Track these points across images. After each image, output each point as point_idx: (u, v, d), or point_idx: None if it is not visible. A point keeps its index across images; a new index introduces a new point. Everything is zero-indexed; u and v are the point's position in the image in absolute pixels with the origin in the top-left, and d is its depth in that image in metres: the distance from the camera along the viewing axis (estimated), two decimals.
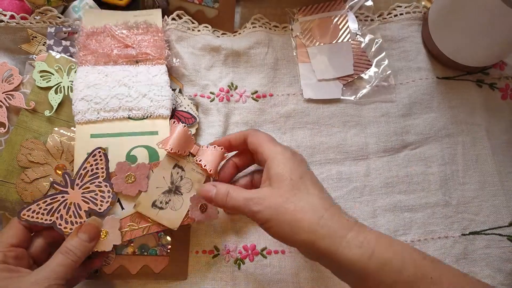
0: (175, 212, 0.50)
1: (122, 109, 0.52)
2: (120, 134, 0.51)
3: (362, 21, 0.65)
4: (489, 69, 0.63)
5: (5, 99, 0.54)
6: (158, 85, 0.54)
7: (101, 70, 0.54)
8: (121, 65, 0.56)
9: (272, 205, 0.41)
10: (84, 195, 0.47)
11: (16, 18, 0.59)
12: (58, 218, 0.45)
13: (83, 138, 0.51)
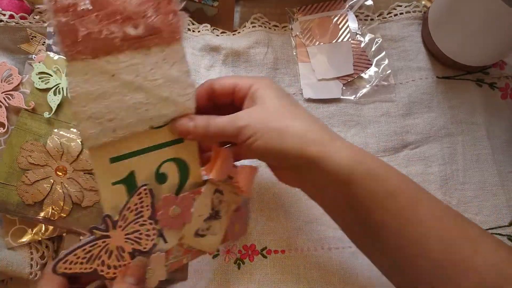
0: (214, 237, 0.48)
1: (142, 121, 0.39)
2: (143, 150, 0.41)
3: (362, 20, 0.65)
4: (489, 68, 0.63)
5: (4, 99, 0.54)
6: (179, 81, 0.41)
7: (105, 69, 0.37)
8: (127, 54, 0.37)
9: (260, 118, 0.40)
10: (127, 236, 0.42)
11: (15, 18, 0.59)
12: (99, 265, 0.40)
13: (102, 165, 0.40)
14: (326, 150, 0.39)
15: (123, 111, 0.38)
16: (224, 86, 0.44)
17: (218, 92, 0.44)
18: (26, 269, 0.51)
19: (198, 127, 0.41)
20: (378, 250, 0.41)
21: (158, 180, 0.42)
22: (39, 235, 0.53)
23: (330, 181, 0.39)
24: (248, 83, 0.43)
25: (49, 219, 0.52)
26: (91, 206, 0.53)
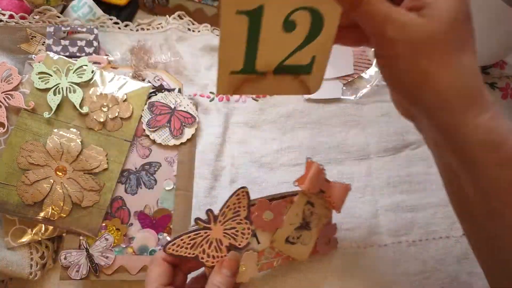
0: (304, 246, 0.51)
1: None
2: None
3: None
4: (490, 68, 0.63)
5: (4, 99, 0.54)
6: None
7: None
8: None
9: (415, 39, 0.31)
10: (225, 231, 0.47)
11: (15, 18, 0.59)
12: (201, 252, 0.46)
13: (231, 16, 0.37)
14: (463, 123, 0.31)
15: None
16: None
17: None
18: (26, 269, 0.51)
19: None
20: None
21: (285, 26, 0.37)
22: (39, 235, 0.52)
23: (453, 153, 0.33)
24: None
25: (49, 219, 0.51)
26: (91, 206, 0.53)
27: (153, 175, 0.56)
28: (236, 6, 0.36)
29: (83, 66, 0.56)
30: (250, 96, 0.61)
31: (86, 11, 0.63)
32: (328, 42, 0.38)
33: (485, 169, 0.32)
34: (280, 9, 0.37)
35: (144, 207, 0.55)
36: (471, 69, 0.32)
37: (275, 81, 0.39)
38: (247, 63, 0.39)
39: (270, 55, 0.38)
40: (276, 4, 0.36)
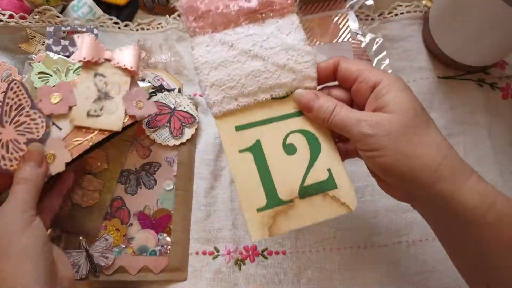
0: (113, 115, 0.50)
1: (262, 90, 0.41)
2: (269, 120, 0.42)
3: (362, 20, 0.65)
4: (490, 68, 0.63)
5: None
6: (296, 48, 0.41)
7: (223, 40, 0.41)
8: (244, 27, 0.42)
9: (392, 132, 0.36)
10: (18, 129, 0.46)
11: (15, 18, 0.59)
12: (0, 160, 0.44)
13: (228, 133, 0.41)
14: (457, 189, 0.35)
15: (243, 78, 0.41)
16: (349, 70, 0.41)
17: (341, 72, 0.41)
18: None
19: (322, 111, 0.39)
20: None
21: (287, 151, 0.41)
22: None
23: (455, 220, 0.36)
24: (376, 78, 0.39)
25: None
26: (90, 206, 0.53)
27: (153, 175, 0.56)
28: (237, 147, 0.40)
29: None
30: None
31: (86, 11, 0.63)
32: (333, 151, 0.41)
33: (484, 227, 0.35)
34: (275, 138, 0.41)
35: (144, 207, 0.55)
36: (444, 142, 0.37)
37: (306, 206, 0.40)
38: (269, 197, 0.40)
39: (287, 181, 0.40)
40: (269, 135, 0.41)
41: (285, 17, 0.42)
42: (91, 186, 0.53)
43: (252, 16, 0.41)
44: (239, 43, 0.41)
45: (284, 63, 0.41)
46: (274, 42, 0.41)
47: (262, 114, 0.42)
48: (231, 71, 0.41)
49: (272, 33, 0.41)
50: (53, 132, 0.48)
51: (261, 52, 0.41)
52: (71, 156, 0.48)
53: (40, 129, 0.47)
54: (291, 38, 0.42)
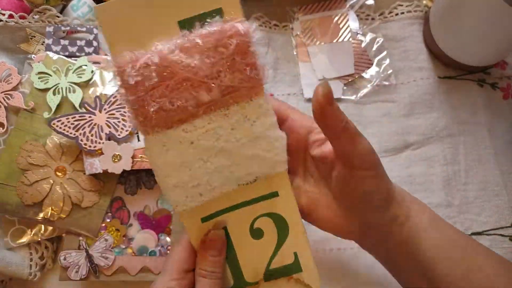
0: None
1: (228, 182, 0.37)
2: (235, 206, 0.39)
3: (363, 20, 0.65)
4: (491, 68, 0.63)
5: (3, 99, 0.53)
6: (265, 137, 0.36)
7: (182, 138, 0.35)
8: (204, 118, 0.35)
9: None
10: (108, 120, 0.52)
11: (14, 17, 0.59)
12: (81, 134, 0.51)
13: (194, 226, 0.39)
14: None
15: (206, 176, 0.36)
16: (300, 124, 0.41)
17: (291, 124, 0.41)
18: (25, 270, 0.51)
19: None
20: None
21: (253, 236, 0.40)
22: (38, 236, 0.52)
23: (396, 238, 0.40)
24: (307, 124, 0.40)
25: (48, 219, 0.51)
26: (90, 206, 0.53)
27: (153, 175, 0.56)
28: (200, 233, 0.39)
29: (83, 66, 0.55)
30: None
31: (85, 11, 0.63)
32: (300, 235, 0.40)
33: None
34: (242, 224, 0.39)
35: (144, 208, 0.55)
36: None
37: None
38: (236, 278, 0.40)
39: (253, 265, 0.40)
40: (235, 221, 0.39)
41: (252, 101, 0.35)
42: (91, 187, 0.53)
43: (212, 106, 0.34)
44: (200, 140, 0.35)
45: (252, 154, 0.36)
46: (240, 132, 0.35)
47: (228, 201, 0.39)
48: (194, 171, 0.36)
49: (237, 122, 0.35)
50: (132, 139, 0.54)
51: (226, 146, 0.36)
52: (131, 166, 0.52)
53: (124, 131, 0.52)
54: (258, 125, 0.36)
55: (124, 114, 0.53)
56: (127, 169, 0.52)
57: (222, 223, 0.39)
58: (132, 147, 0.53)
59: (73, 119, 0.52)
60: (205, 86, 0.33)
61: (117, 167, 0.52)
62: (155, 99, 0.32)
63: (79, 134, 0.51)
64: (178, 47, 0.32)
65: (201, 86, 0.33)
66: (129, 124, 0.53)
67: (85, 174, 0.52)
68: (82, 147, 0.51)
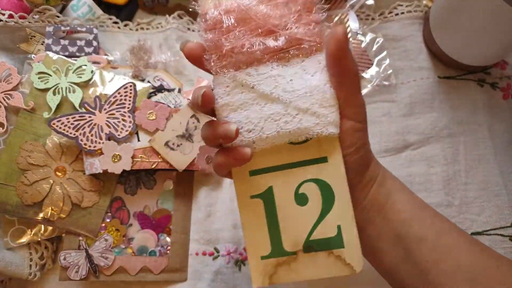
0: (184, 156, 0.54)
1: (281, 134, 0.37)
2: (283, 166, 0.39)
3: (363, 20, 0.65)
4: (491, 68, 0.63)
5: (3, 99, 0.53)
6: (321, 91, 0.37)
7: (244, 81, 0.37)
8: (267, 66, 0.38)
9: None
10: (108, 120, 0.53)
11: (14, 17, 0.59)
12: (81, 134, 0.51)
13: (242, 177, 0.40)
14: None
15: (261, 122, 0.37)
16: None
17: None
18: (25, 270, 0.51)
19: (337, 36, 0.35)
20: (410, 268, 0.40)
21: (298, 201, 0.39)
22: (38, 236, 0.52)
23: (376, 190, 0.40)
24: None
25: (48, 219, 0.51)
26: (90, 206, 0.53)
27: (153, 175, 0.56)
28: (249, 193, 0.39)
29: (83, 66, 0.55)
30: None
31: (85, 11, 0.63)
32: (347, 207, 0.38)
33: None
34: (288, 186, 0.38)
35: (143, 208, 0.55)
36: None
37: (309, 261, 0.39)
38: (274, 246, 0.39)
39: (293, 233, 0.39)
40: (282, 182, 0.38)
41: (311, 56, 0.37)
42: (91, 186, 0.53)
43: (277, 54, 0.37)
44: (260, 85, 0.37)
45: (307, 107, 0.37)
46: (298, 84, 0.37)
47: (278, 159, 0.39)
48: (250, 113, 0.37)
49: (296, 74, 0.37)
50: (132, 139, 0.54)
51: (283, 95, 0.37)
52: (131, 166, 0.53)
53: (124, 131, 0.53)
54: (316, 79, 0.37)
55: (124, 114, 0.53)
56: (127, 169, 0.52)
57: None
58: (132, 147, 0.53)
59: (73, 119, 0.52)
60: (274, 35, 0.36)
61: (117, 167, 0.52)
62: (229, 40, 0.36)
63: (79, 134, 0.51)
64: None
65: (270, 34, 0.36)
66: (129, 125, 0.53)
67: (85, 174, 0.52)
68: (82, 147, 0.51)
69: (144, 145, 0.54)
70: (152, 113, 0.54)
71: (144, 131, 0.54)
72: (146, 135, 0.54)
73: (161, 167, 0.54)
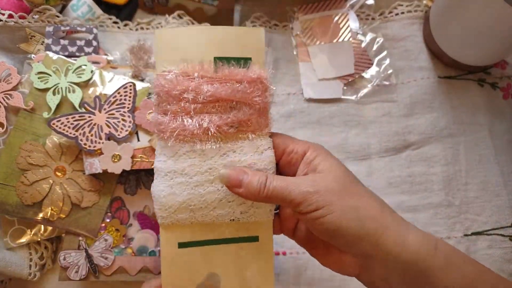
0: None
1: (231, 213, 0.39)
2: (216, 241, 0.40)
3: (363, 19, 0.65)
4: (491, 68, 0.63)
5: (3, 99, 0.53)
6: (269, 173, 0.38)
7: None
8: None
9: (330, 187, 0.35)
10: (108, 120, 0.52)
11: (14, 17, 0.58)
12: (81, 134, 0.51)
13: (170, 248, 0.40)
14: (403, 237, 0.35)
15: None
16: (275, 143, 0.40)
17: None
18: (25, 270, 0.51)
19: (254, 183, 0.36)
20: None
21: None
22: (38, 236, 0.52)
23: (405, 271, 0.35)
24: (304, 146, 0.39)
25: (48, 219, 0.51)
26: (90, 206, 0.53)
27: (153, 175, 0.56)
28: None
29: (83, 66, 0.55)
30: None
31: (85, 11, 0.63)
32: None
33: (436, 272, 0.34)
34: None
35: (143, 208, 0.55)
36: (375, 194, 0.38)
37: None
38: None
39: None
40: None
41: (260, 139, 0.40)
42: (91, 187, 0.53)
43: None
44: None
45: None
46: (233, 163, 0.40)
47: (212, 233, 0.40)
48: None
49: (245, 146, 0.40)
50: (132, 139, 0.54)
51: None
52: (131, 166, 0.52)
53: (123, 131, 0.52)
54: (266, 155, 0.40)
55: (124, 114, 0.53)
56: (126, 169, 0.52)
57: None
58: (132, 147, 0.53)
59: (73, 119, 0.51)
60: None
61: (117, 167, 0.52)
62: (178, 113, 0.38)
63: (78, 134, 0.51)
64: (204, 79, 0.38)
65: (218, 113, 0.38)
66: (129, 125, 0.53)
67: (85, 174, 0.52)
68: (81, 147, 0.51)
69: (144, 145, 0.54)
70: (151, 112, 0.54)
71: (144, 131, 0.54)
72: (146, 135, 0.54)
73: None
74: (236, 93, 0.38)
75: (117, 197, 0.55)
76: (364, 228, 0.34)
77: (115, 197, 0.55)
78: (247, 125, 0.39)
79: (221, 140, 0.38)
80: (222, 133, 0.38)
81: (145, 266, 0.53)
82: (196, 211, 0.38)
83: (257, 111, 0.39)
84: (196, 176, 0.38)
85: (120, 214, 0.54)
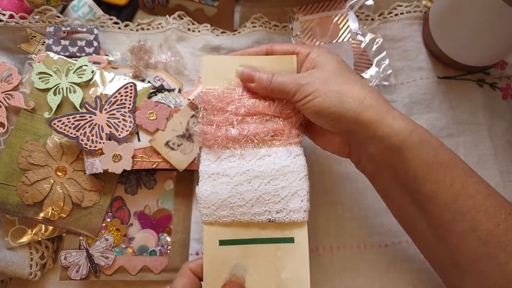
0: (184, 155, 0.54)
1: (268, 212, 0.43)
2: (254, 240, 0.44)
3: (362, 20, 0.65)
4: (490, 68, 0.63)
5: (4, 99, 0.54)
6: (301, 175, 0.44)
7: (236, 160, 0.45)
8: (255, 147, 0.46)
9: (321, 78, 0.42)
10: (108, 120, 0.53)
11: (15, 18, 0.59)
12: (82, 134, 0.51)
13: (212, 245, 0.43)
14: (382, 116, 0.40)
15: (253, 200, 0.43)
16: (283, 48, 0.48)
17: (277, 52, 0.48)
18: (26, 269, 0.51)
19: (262, 78, 0.44)
20: (424, 224, 0.40)
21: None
22: (39, 235, 0.53)
23: (382, 147, 0.40)
24: (307, 49, 0.46)
25: (48, 219, 0.51)
26: (91, 206, 0.53)
27: (153, 175, 0.56)
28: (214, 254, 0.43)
29: (83, 66, 0.56)
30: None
31: (86, 11, 0.63)
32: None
33: (408, 149, 0.39)
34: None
35: (144, 208, 0.55)
36: (366, 83, 0.43)
37: None
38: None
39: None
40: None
41: (293, 146, 0.46)
42: (91, 186, 0.53)
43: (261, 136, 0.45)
44: (253, 165, 0.44)
45: (297, 190, 0.44)
46: (286, 163, 0.45)
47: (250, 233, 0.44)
48: (245, 193, 0.44)
49: (281, 152, 0.45)
50: (132, 139, 0.54)
51: (277, 176, 0.44)
52: (131, 166, 0.53)
53: (124, 131, 0.53)
54: (297, 163, 0.45)
55: (124, 114, 0.53)
56: (127, 169, 0.52)
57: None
58: (133, 147, 0.53)
59: (74, 119, 0.52)
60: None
61: (118, 167, 0.52)
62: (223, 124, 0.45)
63: (79, 134, 0.51)
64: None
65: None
66: (129, 125, 0.53)
67: (86, 174, 0.52)
68: (82, 147, 0.51)
69: (145, 145, 0.54)
70: (153, 113, 0.54)
71: (144, 131, 0.54)
72: (147, 135, 0.54)
73: (162, 167, 0.54)
74: (271, 108, 0.45)
75: (118, 196, 0.55)
76: (344, 107, 0.40)
77: (115, 197, 0.55)
78: (281, 134, 0.45)
79: (258, 146, 0.45)
80: (260, 140, 0.45)
81: (146, 266, 0.53)
82: (236, 209, 0.43)
83: (289, 123, 0.45)
84: (235, 176, 0.43)
85: (121, 214, 0.54)
